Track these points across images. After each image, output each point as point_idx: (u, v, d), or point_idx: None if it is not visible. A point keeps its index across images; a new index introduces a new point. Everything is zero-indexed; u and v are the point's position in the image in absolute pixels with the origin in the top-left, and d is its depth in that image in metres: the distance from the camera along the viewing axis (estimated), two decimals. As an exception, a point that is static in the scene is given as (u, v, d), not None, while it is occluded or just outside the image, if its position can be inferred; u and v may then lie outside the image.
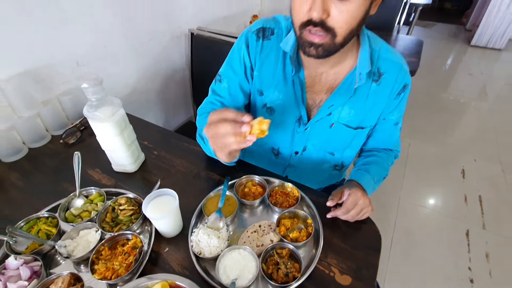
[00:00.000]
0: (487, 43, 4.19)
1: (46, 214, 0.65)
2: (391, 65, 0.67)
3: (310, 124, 0.73)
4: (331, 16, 0.50)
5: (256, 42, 0.70)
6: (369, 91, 0.68)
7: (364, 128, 0.74)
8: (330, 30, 0.52)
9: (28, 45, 0.86)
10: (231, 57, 0.76)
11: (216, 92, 0.78)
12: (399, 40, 1.93)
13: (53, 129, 0.95)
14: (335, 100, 0.68)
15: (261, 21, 0.72)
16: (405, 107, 0.75)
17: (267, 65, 0.71)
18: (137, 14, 1.16)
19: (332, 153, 0.80)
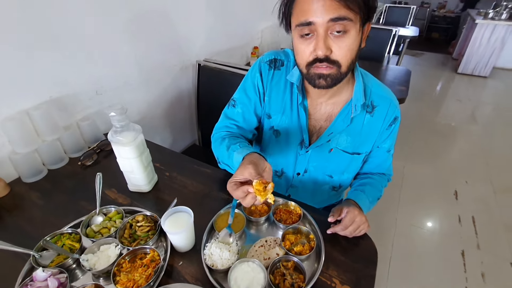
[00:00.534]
0: (473, 71, 4.45)
1: (69, 230, 0.71)
2: (382, 99, 0.77)
3: (311, 148, 0.81)
4: (333, 52, 0.60)
5: (268, 71, 0.79)
6: (364, 121, 0.77)
7: (360, 154, 0.82)
8: (335, 63, 0.61)
9: (56, 76, 0.96)
10: (245, 84, 0.84)
11: (229, 117, 0.85)
12: (389, 70, 2.08)
13: (71, 151, 1.02)
14: (334, 128, 0.77)
15: (272, 53, 0.81)
16: (396, 137, 0.84)
17: (276, 92, 0.80)
18: (152, 49, 1.29)
19: (330, 175, 0.88)
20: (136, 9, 1.17)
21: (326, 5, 0.55)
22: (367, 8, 0.59)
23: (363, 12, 0.58)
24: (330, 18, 0.56)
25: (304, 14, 0.58)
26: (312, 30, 0.59)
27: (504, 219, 1.84)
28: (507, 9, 4.08)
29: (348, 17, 0.56)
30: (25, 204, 0.84)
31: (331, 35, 0.58)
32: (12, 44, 0.84)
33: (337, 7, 0.55)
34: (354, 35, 0.59)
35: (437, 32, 7.04)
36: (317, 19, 0.56)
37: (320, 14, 0.56)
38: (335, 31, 0.57)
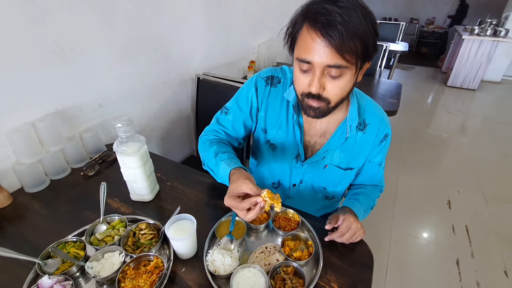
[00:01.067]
0: (462, 84, 4.61)
1: (74, 238, 0.72)
2: (374, 118, 0.81)
3: (307, 163, 0.86)
4: (326, 90, 0.64)
5: (264, 87, 0.83)
6: (356, 138, 0.82)
7: (352, 169, 0.86)
8: (325, 100, 0.65)
9: (62, 89, 1.00)
10: (239, 95, 0.87)
11: (220, 123, 0.89)
12: (381, 83, 2.17)
13: (73, 162, 1.04)
14: (330, 146, 0.82)
15: (270, 70, 0.85)
16: (387, 151, 0.89)
17: (273, 108, 0.84)
18: (153, 64, 1.34)
19: (324, 187, 0.92)
20: (139, 26, 1.22)
21: (325, 52, 0.58)
22: (366, 54, 0.61)
23: (361, 58, 0.61)
24: (327, 64, 0.59)
25: (305, 52, 0.60)
26: (310, 68, 0.62)
27: (496, 228, 1.88)
28: (492, 25, 4.29)
29: (344, 65, 0.59)
30: (28, 214, 0.85)
31: (327, 75, 0.62)
32: (20, 59, 0.87)
33: (335, 55, 0.57)
34: (348, 78, 0.63)
35: (426, 47, 7.30)
36: (315, 61, 0.60)
37: (318, 58, 0.59)
38: (331, 74, 0.61)
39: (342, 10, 0.55)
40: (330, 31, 0.55)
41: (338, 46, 0.56)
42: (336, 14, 0.55)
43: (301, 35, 0.62)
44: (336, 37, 0.55)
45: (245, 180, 0.65)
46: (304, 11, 0.61)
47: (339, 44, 0.56)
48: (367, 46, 0.60)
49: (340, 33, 0.55)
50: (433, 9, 7.48)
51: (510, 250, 1.72)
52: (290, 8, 2.36)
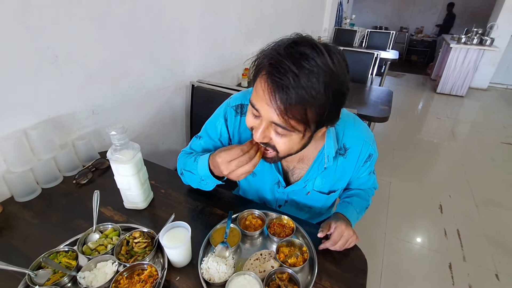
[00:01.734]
0: (450, 91, 4.73)
1: (65, 248, 0.71)
2: (355, 140, 0.77)
3: (288, 190, 0.85)
4: (273, 141, 0.61)
5: (234, 117, 0.81)
6: (337, 164, 0.79)
7: (336, 191, 0.86)
8: (274, 147, 0.62)
9: (55, 96, 0.99)
10: (208, 125, 0.86)
11: (192, 147, 0.89)
12: (373, 90, 2.21)
13: (66, 170, 1.03)
14: (310, 175, 0.81)
15: (240, 96, 0.81)
16: (374, 163, 0.86)
17: (246, 137, 0.81)
18: (148, 71, 1.34)
19: (310, 207, 0.92)
20: (134, 34, 1.23)
21: (270, 111, 0.54)
22: (319, 122, 0.57)
23: (313, 125, 0.56)
24: (272, 121, 0.56)
25: (256, 98, 0.57)
26: (259, 115, 0.59)
27: (487, 231, 1.92)
28: (478, 34, 4.44)
29: (290, 129, 0.55)
30: (18, 224, 0.83)
31: (273, 130, 0.59)
32: (14, 66, 0.87)
33: (280, 117, 0.53)
34: (296, 139, 0.59)
35: (416, 55, 7.50)
36: (262, 113, 0.56)
37: (266, 112, 0.55)
38: (276, 130, 0.58)
39: (300, 72, 0.50)
40: (278, 93, 0.51)
41: (283, 110, 0.52)
42: (292, 75, 0.50)
43: (258, 79, 0.56)
44: (283, 101, 0.51)
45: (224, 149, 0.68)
46: (268, 54, 0.55)
47: (284, 108, 0.52)
48: (321, 114, 0.55)
49: (289, 98, 0.50)
50: (422, 18, 7.72)
51: (500, 253, 1.75)
52: (284, 17, 2.42)
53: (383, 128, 3.40)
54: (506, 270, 1.63)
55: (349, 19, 6.08)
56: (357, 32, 4.43)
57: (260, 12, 2.33)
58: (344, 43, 4.05)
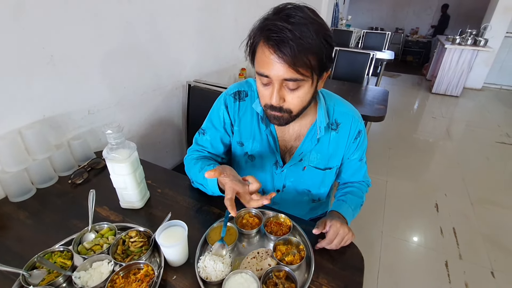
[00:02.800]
0: (445, 91, 4.78)
1: (61, 248, 0.70)
2: (345, 116, 0.83)
3: (286, 168, 0.88)
4: (286, 101, 0.67)
5: (233, 103, 0.85)
6: (330, 138, 0.84)
7: (331, 168, 0.89)
8: (287, 110, 0.68)
9: (50, 95, 0.98)
10: (211, 115, 0.90)
11: (199, 143, 0.92)
12: (369, 90, 2.22)
13: (61, 170, 1.02)
14: (303, 148, 0.84)
15: (236, 85, 0.88)
16: (365, 148, 0.91)
17: (245, 121, 0.86)
18: (144, 70, 1.34)
19: (308, 190, 0.94)
20: (130, 33, 1.22)
21: (279, 67, 0.60)
22: (321, 67, 0.64)
23: (317, 70, 0.64)
24: (284, 78, 0.62)
25: (262, 67, 0.63)
26: (269, 81, 0.65)
27: (482, 229, 1.93)
28: (472, 35, 4.49)
29: (300, 78, 0.62)
30: (12, 224, 0.82)
31: (285, 87, 0.65)
32: (9, 65, 0.86)
33: (289, 70, 0.60)
34: (307, 89, 0.66)
35: (411, 55, 7.56)
36: (272, 75, 0.62)
37: (275, 73, 0.61)
38: (289, 86, 0.64)
39: (293, 26, 0.58)
40: (282, 48, 0.58)
41: (291, 61, 0.59)
42: (287, 31, 0.57)
43: (258, 50, 0.64)
44: (288, 53, 0.58)
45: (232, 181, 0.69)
46: (259, 26, 0.63)
47: (292, 59, 0.58)
48: (321, 58, 0.62)
49: (292, 49, 0.58)
50: (417, 19, 7.79)
51: (496, 251, 1.76)
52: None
53: (379, 127, 3.42)
54: (501, 268, 1.65)
55: (345, 20, 6.12)
56: (353, 32, 4.46)
57: (256, 13, 2.32)
58: (341, 43, 4.07)
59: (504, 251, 1.77)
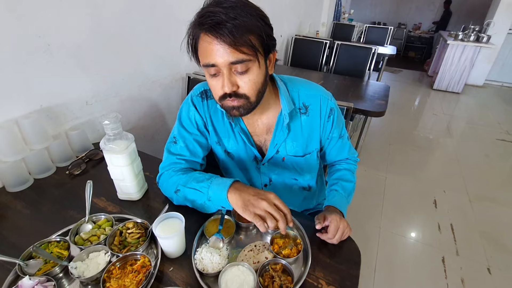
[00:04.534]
0: (447, 87, 4.75)
1: (57, 238, 0.70)
2: (312, 98, 0.82)
3: (266, 161, 0.87)
4: (240, 87, 0.65)
5: (202, 102, 0.82)
6: (302, 123, 0.82)
7: (310, 153, 0.87)
8: (243, 96, 0.66)
9: (47, 85, 0.97)
10: (181, 120, 0.84)
11: (174, 153, 0.84)
12: (370, 85, 2.21)
13: (59, 161, 1.01)
14: (276, 139, 0.82)
15: (201, 85, 0.85)
16: (342, 124, 0.89)
17: (216, 119, 0.84)
18: (143, 62, 1.32)
19: (295, 179, 0.93)
20: (128, 24, 1.20)
21: (224, 51, 0.59)
22: (264, 46, 0.65)
23: (261, 50, 0.64)
24: (230, 62, 0.61)
25: (207, 56, 0.62)
26: (217, 70, 0.63)
27: (480, 226, 1.94)
28: (475, 31, 4.45)
29: (246, 59, 0.61)
30: (9, 214, 0.82)
31: (235, 72, 0.64)
32: (5, 54, 0.85)
33: (232, 52, 0.59)
34: (256, 71, 0.65)
35: (413, 51, 7.50)
36: (219, 61, 0.61)
37: (220, 58, 0.60)
38: (237, 70, 0.63)
39: (226, 9, 0.58)
40: (220, 30, 0.58)
41: (232, 41, 0.58)
42: (221, 13, 0.57)
43: (200, 43, 0.63)
44: (227, 34, 0.58)
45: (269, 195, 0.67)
46: (195, 20, 0.63)
47: (232, 39, 0.58)
48: (261, 37, 0.62)
49: (229, 30, 0.57)
50: (419, 15, 7.70)
51: (492, 247, 1.77)
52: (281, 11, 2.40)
53: (380, 123, 3.41)
54: (497, 264, 1.65)
55: (347, 14, 6.04)
56: (355, 27, 4.40)
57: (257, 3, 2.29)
58: (342, 37, 4.02)
59: (501, 248, 1.78)
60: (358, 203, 2.07)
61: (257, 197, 0.65)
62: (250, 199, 0.65)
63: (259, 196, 0.65)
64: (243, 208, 0.65)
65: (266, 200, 0.64)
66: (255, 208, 0.64)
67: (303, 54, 2.90)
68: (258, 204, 0.64)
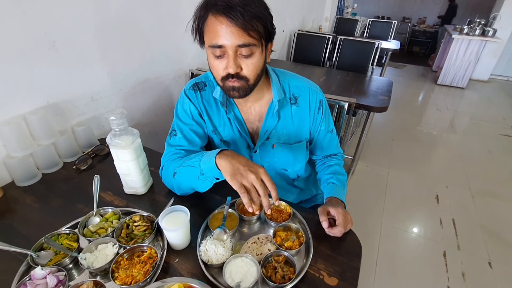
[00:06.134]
0: (451, 82, 4.71)
1: (67, 230, 0.72)
2: (301, 89, 0.87)
3: (257, 148, 0.90)
4: (243, 69, 0.69)
5: (195, 94, 0.86)
6: (292, 112, 0.87)
7: (300, 141, 0.91)
8: (244, 78, 0.70)
9: (53, 82, 0.99)
10: (177, 114, 0.88)
11: (173, 144, 0.87)
12: (373, 80, 2.20)
13: (66, 156, 1.03)
14: (267, 126, 0.86)
15: (192, 80, 0.89)
16: (331, 118, 0.94)
17: (211, 109, 0.87)
18: (147, 58, 1.33)
19: (284, 169, 0.96)
20: (132, 20, 1.22)
21: (233, 33, 0.63)
22: (267, 34, 0.69)
23: (264, 37, 0.69)
24: (238, 44, 0.64)
25: (215, 37, 0.65)
26: (223, 52, 0.67)
27: (481, 221, 1.95)
28: (480, 25, 4.39)
29: (253, 43, 0.65)
30: (19, 208, 0.84)
31: (240, 55, 0.67)
32: (12, 51, 0.86)
33: (241, 35, 0.63)
34: (258, 56, 0.69)
35: (418, 45, 7.41)
36: (227, 43, 0.64)
37: (229, 40, 0.64)
38: (242, 53, 0.67)
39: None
40: (233, 12, 0.61)
41: (243, 24, 0.62)
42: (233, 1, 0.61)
43: (208, 24, 0.66)
44: (239, 17, 0.61)
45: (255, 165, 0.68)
46: (205, 3, 0.66)
47: (243, 23, 0.62)
48: (266, 25, 0.67)
49: (241, 14, 0.61)
50: (424, 8, 7.60)
51: (494, 242, 1.78)
52: (284, 5, 2.38)
53: (383, 118, 3.40)
54: (499, 259, 1.66)
55: (351, 8, 5.98)
56: (359, 21, 4.37)
57: None
58: (346, 32, 3.99)
59: (502, 243, 1.78)
60: (360, 198, 2.09)
61: (247, 168, 0.65)
62: (240, 168, 0.65)
63: (249, 167, 0.65)
64: (231, 175, 0.65)
65: (255, 173, 0.64)
66: (243, 178, 0.64)
67: (305, 50, 2.89)
68: (247, 175, 0.64)
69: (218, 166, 0.68)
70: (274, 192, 0.65)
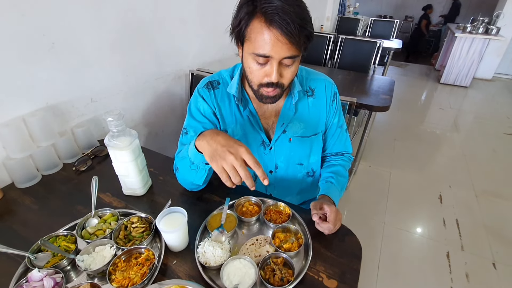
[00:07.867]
0: (454, 81, 4.66)
1: (64, 232, 0.72)
2: (317, 81, 0.90)
3: (273, 144, 0.89)
4: (283, 77, 0.71)
5: (208, 93, 0.86)
6: (309, 104, 0.88)
7: (317, 133, 0.92)
8: (281, 85, 0.72)
9: (52, 83, 0.99)
10: (190, 112, 0.87)
11: (186, 143, 0.85)
12: (374, 80, 2.18)
13: (65, 157, 1.03)
14: (283, 119, 0.86)
15: (206, 78, 0.89)
16: (342, 112, 0.96)
17: (224, 107, 0.87)
18: (147, 59, 1.33)
19: (300, 163, 0.95)
20: (132, 21, 1.21)
21: (283, 48, 0.63)
22: (307, 46, 0.70)
23: (304, 49, 0.69)
24: (285, 56, 0.65)
25: (263, 48, 0.64)
26: (267, 60, 0.67)
27: (485, 221, 1.92)
28: (483, 23, 4.34)
29: (297, 55, 0.67)
30: (19, 209, 0.85)
31: (282, 64, 0.68)
32: (11, 53, 0.87)
33: (293, 49, 0.64)
34: (297, 64, 0.72)
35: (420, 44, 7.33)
36: (274, 55, 0.64)
37: (277, 52, 0.64)
38: (286, 63, 0.68)
39: (293, 8, 0.60)
40: (289, 28, 0.60)
41: (297, 43, 0.63)
42: (291, 13, 0.60)
43: (255, 31, 0.64)
44: (295, 36, 0.61)
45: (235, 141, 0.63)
46: (257, 7, 0.63)
47: (297, 41, 0.63)
48: (311, 38, 0.68)
49: (297, 30, 0.61)
50: (427, 7, 7.52)
51: (498, 242, 1.76)
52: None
53: (385, 118, 3.38)
54: (503, 260, 1.64)
55: (352, 8, 5.95)
56: (361, 20, 4.34)
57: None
58: (347, 31, 3.98)
59: (506, 243, 1.76)
60: (362, 198, 2.07)
61: (226, 148, 0.60)
62: (218, 149, 0.61)
63: (228, 147, 0.60)
64: (210, 157, 0.62)
65: (234, 154, 0.59)
66: (222, 160, 0.59)
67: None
68: (225, 157, 0.59)
69: (199, 149, 0.66)
70: (259, 171, 0.59)
